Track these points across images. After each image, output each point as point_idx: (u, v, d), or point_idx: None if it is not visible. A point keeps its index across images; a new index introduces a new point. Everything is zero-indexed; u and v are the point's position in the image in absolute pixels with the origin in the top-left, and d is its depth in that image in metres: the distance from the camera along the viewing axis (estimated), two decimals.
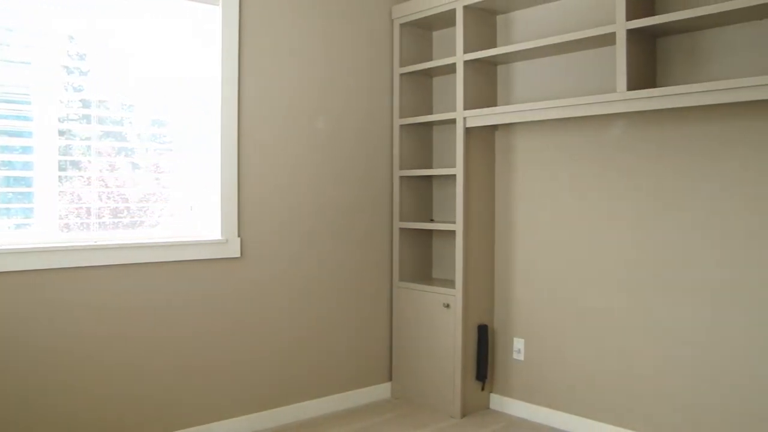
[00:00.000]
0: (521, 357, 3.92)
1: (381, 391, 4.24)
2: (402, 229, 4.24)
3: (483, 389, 4.00)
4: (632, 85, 3.11)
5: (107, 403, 3.15)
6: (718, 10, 2.78)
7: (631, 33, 3.10)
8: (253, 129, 3.62)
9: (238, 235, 3.57)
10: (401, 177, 4.22)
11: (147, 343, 3.26)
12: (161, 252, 3.29)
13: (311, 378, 3.90)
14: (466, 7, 3.76)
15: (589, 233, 3.59)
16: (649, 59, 3.24)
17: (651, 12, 3.22)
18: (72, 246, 3.01)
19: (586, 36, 3.26)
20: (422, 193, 4.35)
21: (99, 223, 3.18)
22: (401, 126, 4.21)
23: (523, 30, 3.83)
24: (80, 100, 3.12)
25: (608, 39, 3.27)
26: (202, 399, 3.45)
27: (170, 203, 3.41)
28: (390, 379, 4.30)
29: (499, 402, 4.02)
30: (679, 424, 3.24)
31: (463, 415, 3.89)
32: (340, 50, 3.98)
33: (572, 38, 3.32)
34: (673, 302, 3.26)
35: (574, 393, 3.67)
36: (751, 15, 2.86)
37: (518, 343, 3.93)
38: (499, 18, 3.94)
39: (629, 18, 3.07)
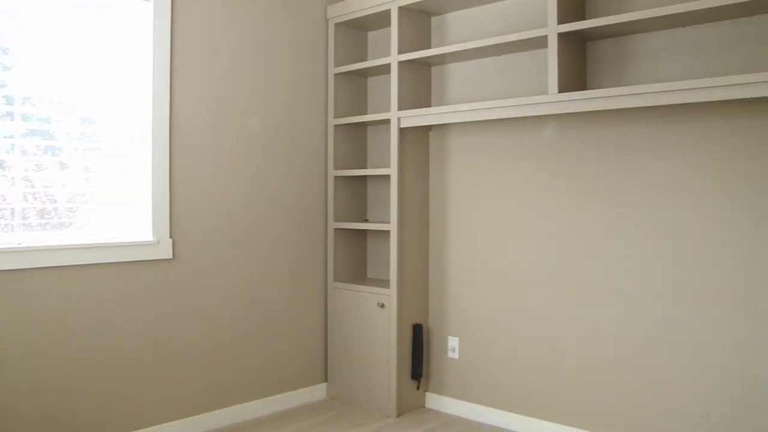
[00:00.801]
0: (456, 355, 3.96)
1: (317, 392, 4.22)
2: (336, 229, 4.23)
3: (418, 388, 4.03)
4: (563, 88, 3.19)
5: (29, 414, 3.03)
6: (644, 17, 2.89)
7: (563, 36, 3.18)
8: (185, 128, 3.55)
9: (170, 236, 3.49)
10: (336, 177, 4.21)
11: (75, 348, 3.15)
12: (90, 254, 3.18)
13: (246, 380, 3.85)
14: (401, 8, 3.78)
15: (522, 233, 3.66)
16: (580, 62, 3.32)
17: (582, 17, 3.31)
18: None
19: (519, 39, 3.32)
20: (357, 193, 4.35)
21: (24, 224, 3.06)
22: (336, 126, 4.20)
23: (458, 31, 3.87)
24: (3, 97, 2.99)
25: (540, 42, 3.34)
26: (135, 404, 3.36)
27: (100, 204, 3.31)
28: (326, 379, 4.29)
29: (434, 400, 4.05)
30: (611, 417, 3.34)
31: (399, 414, 3.91)
32: (274, 49, 3.95)
33: (505, 40, 3.38)
34: (604, 300, 3.35)
35: (508, 390, 3.73)
36: (674, 22, 2.98)
37: (453, 342, 3.98)
38: (434, 19, 3.98)
39: (561, 22, 3.15)
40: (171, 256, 3.48)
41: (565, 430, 3.48)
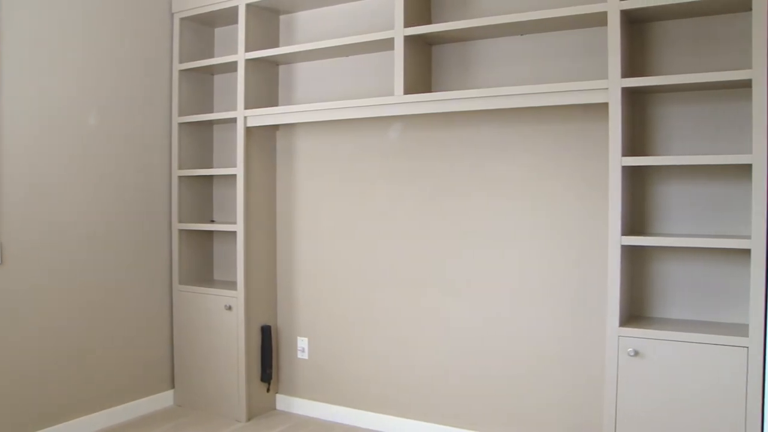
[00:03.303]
0: (305, 356, 3.96)
1: (163, 399, 4.07)
2: (181, 231, 4.10)
3: (268, 390, 3.98)
4: (408, 90, 3.27)
5: None
6: (485, 24, 3.03)
7: (409, 39, 3.26)
8: (13, 124, 3.29)
9: None
10: (180, 177, 4.08)
11: None
12: None
13: (86, 392, 3.64)
14: (248, 5, 3.72)
15: (370, 232, 3.72)
16: (425, 65, 3.42)
17: (428, 21, 3.41)
18: None
19: (366, 40, 3.37)
20: (202, 194, 4.24)
21: None
22: (180, 124, 4.07)
23: (306, 31, 3.87)
24: None
25: (387, 44, 3.40)
26: None
27: None
28: (172, 386, 4.14)
29: (285, 402, 4.02)
30: (457, 411, 3.46)
31: (249, 418, 3.84)
32: (114, 43, 3.76)
33: (352, 42, 3.42)
34: (452, 297, 3.47)
35: (360, 388, 3.77)
36: (514, 30, 3.15)
37: (302, 342, 3.97)
38: (283, 18, 3.95)
39: (407, 25, 3.23)
40: None
41: (417, 426, 3.57)
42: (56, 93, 3.49)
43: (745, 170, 2.61)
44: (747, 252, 2.59)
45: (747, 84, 2.55)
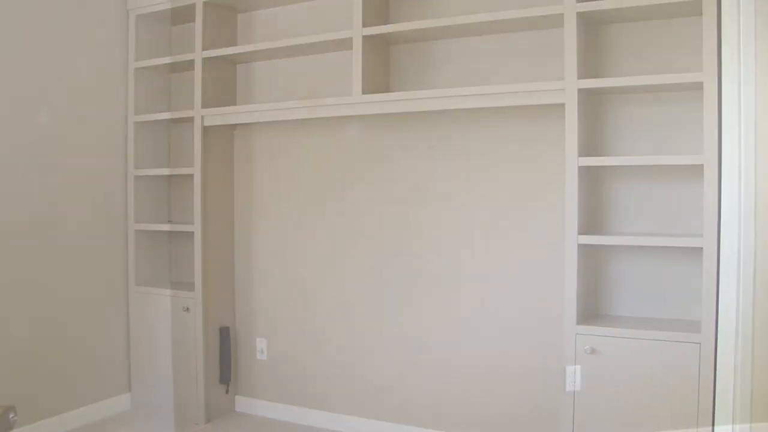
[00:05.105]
0: (264, 357, 3.93)
1: (120, 402, 4.00)
2: (138, 231, 4.03)
3: (227, 392, 3.95)
4: (367, 89, 3.27)
5: None
6: (444, 24, 3.07)
7: (367, 39, 3.26)
8: None
9: None
10: (136, 176, 4.01)
11: None
12: None
13: (40, 396, 3.54)
14: (206, 3, 3.69)
15: (327, 233, 3.71)
16: (384, 65, 3.43)
17: (386, 21, 3.41)
18: None
19: (324, 40, 3.37)
20: (159, 194, 4.18)
21: None
22: (136, 123, 4.01)
23: (265, 30, 3.84)
24: None
25: (346, 44, 3.39)
26: None
27: None
28: (129, 389, 4.07)
29: (244, 403, 3.99)
30: (417, 411, 3.47)
31: (208, 420, 3.81)
32: (68, 39, 3.68)
33: (310, 41, 3.42)
34: (408, 297, 3.48)
35: (317, 389, 3.76)
36: (472, 31, 3.17)
37: (261, 343, 3.94)
38: (241, 16, 3.91)
39: (366, 25, 3.23)
40: None
41: (377, 426, 3.57)
42: (7, 91, 3.40)
43: (698, 170, 2.67)
44: (699, 250, 2.64)
45: (699, 87, 2.61)
